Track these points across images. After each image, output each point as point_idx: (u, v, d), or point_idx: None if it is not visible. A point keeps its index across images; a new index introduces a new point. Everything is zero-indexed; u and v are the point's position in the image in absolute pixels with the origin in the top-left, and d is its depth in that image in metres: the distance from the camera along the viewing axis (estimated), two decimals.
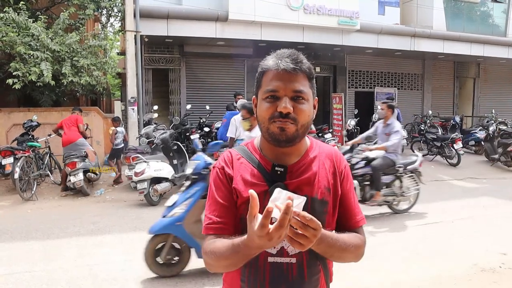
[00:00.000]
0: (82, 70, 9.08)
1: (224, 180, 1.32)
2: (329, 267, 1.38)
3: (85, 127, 8.78)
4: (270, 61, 1.26)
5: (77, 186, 7.51)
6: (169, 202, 4.15)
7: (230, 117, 9.18)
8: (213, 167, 1.38)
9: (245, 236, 1.09)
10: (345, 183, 1.37)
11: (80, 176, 7.47)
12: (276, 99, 1.22)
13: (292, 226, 1.02)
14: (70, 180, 7.53)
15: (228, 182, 1.31)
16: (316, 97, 1.33)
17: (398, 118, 10.73)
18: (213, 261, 1.25)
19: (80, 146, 8.13)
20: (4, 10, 8.49)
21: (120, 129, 8.98)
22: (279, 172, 1.26)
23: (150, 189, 7.04)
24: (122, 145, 8.86)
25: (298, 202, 1.04)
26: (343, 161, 1.40)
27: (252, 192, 1.03)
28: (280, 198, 1.03)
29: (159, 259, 4.08)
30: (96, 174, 8.13)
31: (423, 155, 11.85)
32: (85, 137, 8.65)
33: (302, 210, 1.04)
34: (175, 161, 7.89)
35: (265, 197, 1.22)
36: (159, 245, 4.08)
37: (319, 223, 1.05)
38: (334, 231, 1.33)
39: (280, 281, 1.27)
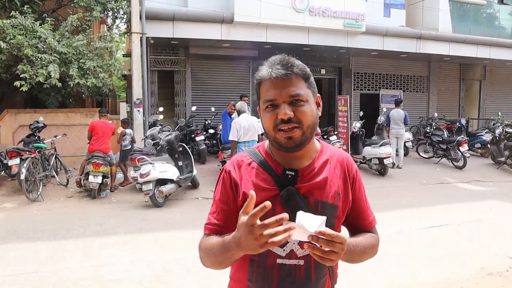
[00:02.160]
0: (88, 72, 9.13)
1: (228, 184, 1.34)
2: (335, 269, 1.41)
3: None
4: (263, 71, 1.27)
5: (92, 187, 7.55)
6: None
7: (224, 119, 9.22)
8: (223, 168, 1.39)
9: (235, 232, 1.10)
10: (356, 188, 1.39)
11: (99, 179, 7.51)
12: (275, 107, 1.23)
13: (316, 244, 1.06)
14: (87, 179, 7.58)
15: (231, 187, 1.33)
16: (318, 94, 1.33)
17: (405, 121, 10.74)
18: (205, 257, 1.29)
19: (107, 157, 8.02)
20: (11, 14, 8.56)
21: (129, 130, 9.04)
22: (290, 176, 1.27)
23: (155, 191, 7.05)
24: (130, 146, 8.93)
25: (320, 221, 1.06)
26: (353, 166, 1.42)
27: (252, 193, 1.06)
28: (306, 224, 1.06)
29: None
30: (108, 177, 8.08)
31: (428, 158, 11.93)
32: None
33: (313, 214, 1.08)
34: (180, 163, 7.91)
35: (275, 201, 1.23)
36: None
37: (344, 236, 1.09)
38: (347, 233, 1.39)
39: (287, 283, 1.28)
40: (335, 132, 11.04)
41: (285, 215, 1.00)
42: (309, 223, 1.05)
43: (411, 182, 9.43)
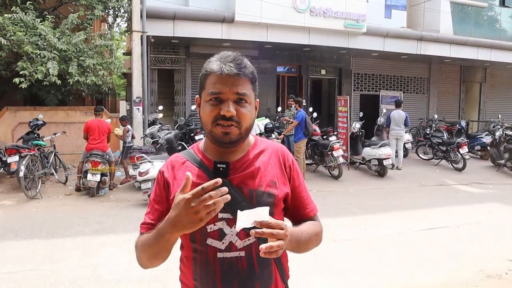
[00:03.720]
0: (88, 70, 9.12)
1: (162, 184, 1.37)
2: (283, 262, 1.40)
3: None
4: (214, 65, 1.27)
5: (91, 186, 7.53)
6: None
7: None
8: (159, 170, 1.42)
9: (170, 213, 1.11)
10: (294, 177, 1.41)
11: (98, 177, 7.48)
12: (220, 101, 1.23)
13: (260, 238, 1.09)
14: (85, 177, 7.54)
15: (164, 187, 1.36)
16: (257, 100, 1.35)
17: (405, 122, 10.73)
18: (141, 254, 1.31)
19: (105, 155, 7.97)
20: (12, 10, 8.54)
21: (130, 127, 9.06)
22: (221, 169, 1.27)
23: None
24: (132, 143, 8.92)
25: (263, 212, 1.09)
26: (289, 156, 1.44)
27: (188, 174, 1.09)
28: (246, 219, 1.08)
29: None
30: (107, 176, 8.04)
31: (428, 159, 11.92)
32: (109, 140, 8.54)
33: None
34: None
35: None
36: None
37: (282, 221, 1.12)
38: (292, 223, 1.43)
39: (231, 276, 1.28)
40: (335, 133, 11.03)
41: (219, 180, 1.04)
42: (249, 219, 1.07)
43: (410, 184, 9.42)
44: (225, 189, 1.04)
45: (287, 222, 1.35)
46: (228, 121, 1.22)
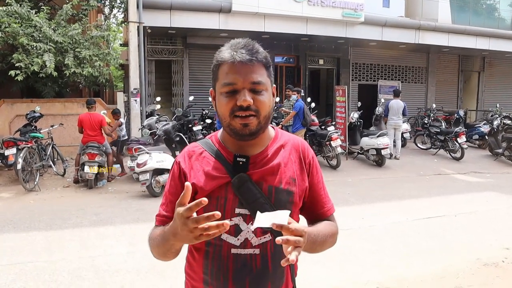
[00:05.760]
0: (84, 61, 9.06)
1: (177, 175, 1.32)
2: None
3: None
4: (225, 53, 1.21)
5: (88, 178, 7.52)
6: None
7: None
8: (175, 160, 1.38)
9: (172, 222, 1.08)
10: (313, 174, 1.37)
11: (95, 169, 7.47)
12: (235, 92, 1.18)
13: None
14: (83, 169, 7.53)
15: (180, 178, 1.31)
16: (274, 85, 1.30)
17: (403, 112, 10.72)
18: (151, 248, 1.29)
19: (102, 147, 7.94)
20: (6, 1, 8.46)
21: (122, 121, 9.03)
22: (241, 163, 1.24)
23: (152, 181, 7.04)
24: (127, 136, 8.91)
25: (283, 215, 1.04)
26: (310, 152, 1.39)
27: (187, 184, 1.03)
28: (265, 221, 1.03)
29: None
30: (104, 167, 8.03)
31: (426, 149, 11.94)
32: (111, 136, 8.49)
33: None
34: (177, 153, 7.88)
35: (227, 189, 1.24)
36: None
37: (303, 228, 1.06)
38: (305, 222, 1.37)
39: (244, 273, 1.25)
40: (333, 123, 11.02)
41: (217, 213, 0.97)
42: (268, 221, 1.03)
43: (409, 173, 9.44)
44: (226, 223, 0.98)
45: (302, 221, 1.32)
46: (246, 111, 1.17)
